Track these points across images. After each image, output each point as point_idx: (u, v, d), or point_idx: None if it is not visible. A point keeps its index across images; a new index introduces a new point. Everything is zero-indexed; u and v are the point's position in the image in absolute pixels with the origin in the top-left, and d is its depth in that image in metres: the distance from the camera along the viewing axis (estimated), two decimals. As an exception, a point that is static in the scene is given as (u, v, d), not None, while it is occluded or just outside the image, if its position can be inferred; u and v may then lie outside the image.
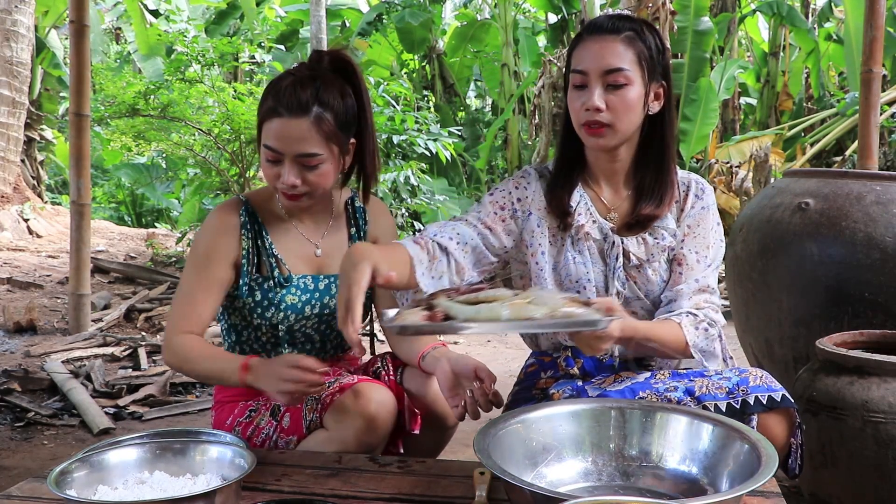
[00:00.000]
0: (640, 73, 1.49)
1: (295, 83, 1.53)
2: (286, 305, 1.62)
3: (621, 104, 1.48)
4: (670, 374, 1.50)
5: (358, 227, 1.75)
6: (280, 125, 1.51)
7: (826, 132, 8.57)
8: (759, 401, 1.39)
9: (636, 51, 1.49)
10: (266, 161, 1.56)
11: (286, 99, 1.51)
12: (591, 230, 1.56)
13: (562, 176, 1.60)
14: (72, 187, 4.36)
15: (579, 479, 1.24)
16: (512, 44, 9.62)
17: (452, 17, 12.85)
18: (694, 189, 1.60)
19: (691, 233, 1.57)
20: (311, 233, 1.70)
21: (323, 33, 7.52)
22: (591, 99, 1.47)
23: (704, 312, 1.50)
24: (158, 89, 5.89)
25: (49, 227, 7.71)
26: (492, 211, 1.58)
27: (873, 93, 3.19)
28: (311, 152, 1.52)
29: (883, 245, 2.29)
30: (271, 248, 1.64)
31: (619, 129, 1.50)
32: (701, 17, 8.06)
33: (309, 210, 1.69)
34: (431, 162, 8.36)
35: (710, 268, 1.55)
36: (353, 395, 1.49)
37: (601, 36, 1.49)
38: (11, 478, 2.34)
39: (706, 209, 1.59)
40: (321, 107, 1.52)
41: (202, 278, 1.59)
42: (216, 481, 1.24)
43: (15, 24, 7.48)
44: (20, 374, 3.39)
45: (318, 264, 1.69)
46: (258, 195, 1.71)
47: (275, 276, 1.62)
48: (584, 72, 1.49)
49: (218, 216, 1.64)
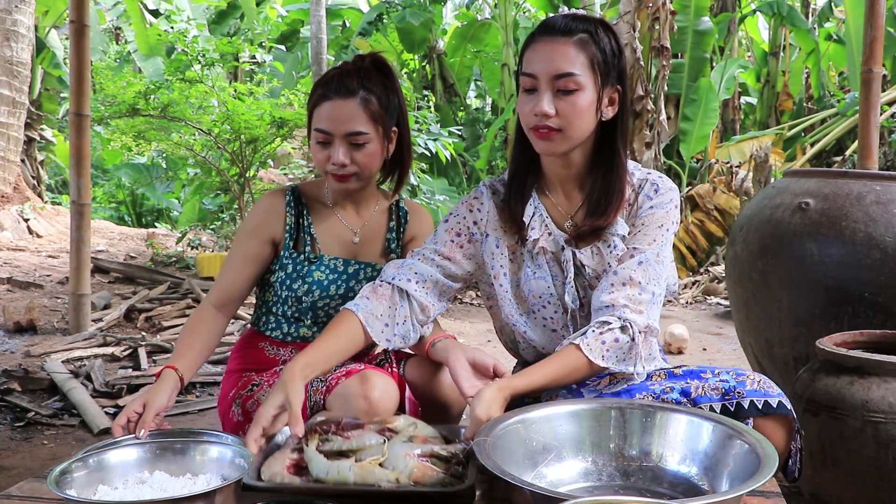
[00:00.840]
0: (592, 78, 1.43)
1: (342, 74, 1.67)
2: (313, 280, 1.72)
3: (571, 110, 1.42)
4: (666, 375, 1.48)
5: (399, 223, 1.84)
6: (330, 107, 1.65)
7: (826, 132, 8.58)
8: (755, 405, 1.37)
9: (588, 55, 1.43)
10: (317, 144, 1.68)
11: (335, 85, 1.66)
12: (545, 244, 1.54)
13: (515, 184, 1.57)
14: (72, 187, 4.36)
15: (579, 479, 1.24)
16: (512, 44, 9.63)
17: (452, 17, 12.87)
18: (647, 189, 1.53)
19: (634, 231, 1.52)
20: (351, 221, 1.81)
21: (323, 33, 7.53)
22: (539, 104, 1.43)
23: (619, 314, 1.41)
24: (158, 89, 5.90)
25: (49, 227, 7.72)
26: (448, 240, 1.58)
27: (873, 93, 3.19)
28: (358, 130, 1.65)
29: (883, 245, 2.29)
30: (309, 228, 1.76)
31: (569, 135, 1.45)
32: (701, 17, 8.07)
33: (353, 199, 1.80)
34: (431, 162, 8.37)
35: (640, 264, 1.46)
36: (358, 379, 1.52)
37: (552, 38, 1.43)
38: (11, 478, 2.35)
39: (655, 208, 1.51)
40: (366, 91, 1.66)
41: (242, 251, 1.74)
42: (216, 481, 1.24)
43: (15, 24, 7.49)
44: (20, 374, 3.39)
45: (353, 250, 1.79)
46: (307, 185, 1.85)
47: (306, 252, 1.74)
48: (533, 75, 1.44)
49: (266, 198, 1.80)
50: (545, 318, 1.58)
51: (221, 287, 1.73)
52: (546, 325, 1.58)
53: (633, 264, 1.46)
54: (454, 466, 1.20)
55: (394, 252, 1.82)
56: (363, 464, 1.17)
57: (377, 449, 1.21)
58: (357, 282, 1.75)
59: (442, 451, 1.22)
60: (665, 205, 1.52)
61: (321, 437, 1.24)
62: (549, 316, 1.57)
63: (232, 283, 1.73)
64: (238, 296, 1.73)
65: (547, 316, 1.57)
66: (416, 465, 1.17)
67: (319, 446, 1.23)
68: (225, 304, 1.71)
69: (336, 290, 1.73)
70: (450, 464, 1.20)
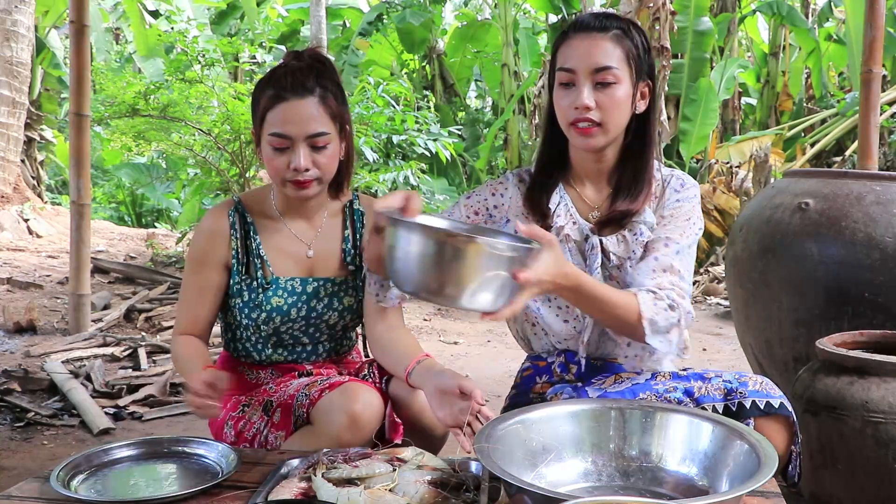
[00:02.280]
0: (628, 72, 1.47)
1: (292, 70, 1.55)
2: (271, 307, 1.63)
3: (610, 103, 1.46)
4: (671, 376, 1.50)
5: (354, 229, 1.74)
6: (287, 108, 1.53)
7: (826, 132, 8.58)
8: (757, 405, 1.38)
9: (624, 49, 1.47)
10: (273, 150, 1.56)
11: (289, 83, 1.54)
12: (570, 231, 1.54)
13: (543, 176, 1.58)
14: (72, 187, 4.36)
15: (579, 480, 1.24)
16: (512, 44, 9.62)
17: (452, 17, 12.86)
18: (673, 184, 1.57)
19: (663, 222, 1.54)
20: (302, 233, 1.70)
21: (323, 33, 7.53)
22: (580, 97, 1.45)
23: (667, 293, 1.42)
24: (158, 89, 5.89)
25: (49, 227, 7.71)
26: (465, 214, 1.58)
27: (873, 93, 3.19)
28: (321, 131, 1.54)
29: (883, 245, 2.28)
30: (258, 250, 1.65)
31: (608, 129, 1.48)
32: (701, 17, 8.07)
33: (302, 208, 1.68)
34: (431, 162, 8.36)
35: (678, 254, 1.48)
36: (340, 392, 1.50)
37: (589, 34, 1.47)
38: (11, 478, 2.34)
39: (682, 202, 1.55)
40: (322, 88, 1.56)
41: (195, 281, 1.65)
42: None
43: (15, 24, 7.48)
44: (20, 374, 3.38)
45: (309, 266, 1.69)
46: (251, 196, 1.72)
47: (258, 278, 1.63)
48: (572, 70, 1.46)
49: (208, 220, 1.67)
50: (559, 306, 1.58)
51: (185, 320, 1.64)
52: (559, 315, 1.59)
53: (671, 253, 1.48)
54: (464, 493, 1.18)
55: (353, 264, 1.71)
56: (373, 490, 1.16)
57: (387, 476, 1.20)
58: (318, 300, 1.66)
59: (452, 478, 1.20)
60: (691, 199, 1.56)
61: (329, 467, 1.23)
62: (564, 305, 1.58)
63: (195, 315, 1.64)
64: (205, 325, 1.65)
65: (562, 305, 1.58)
66: (426, 492, 1.15)
67: (326, 475, 1.21)
68: (193, 334, 1.64)
69: (297, 312, 1.65)
70: (460, 491, 1.19)
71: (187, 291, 1.66)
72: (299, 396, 1.56)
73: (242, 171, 6.09)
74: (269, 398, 1.63)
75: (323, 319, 1.69)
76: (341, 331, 1.75)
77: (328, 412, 1.49)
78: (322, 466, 1.23)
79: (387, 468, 1.22)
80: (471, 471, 1.24)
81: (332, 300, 1.69)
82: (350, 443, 1.47)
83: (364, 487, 1.17)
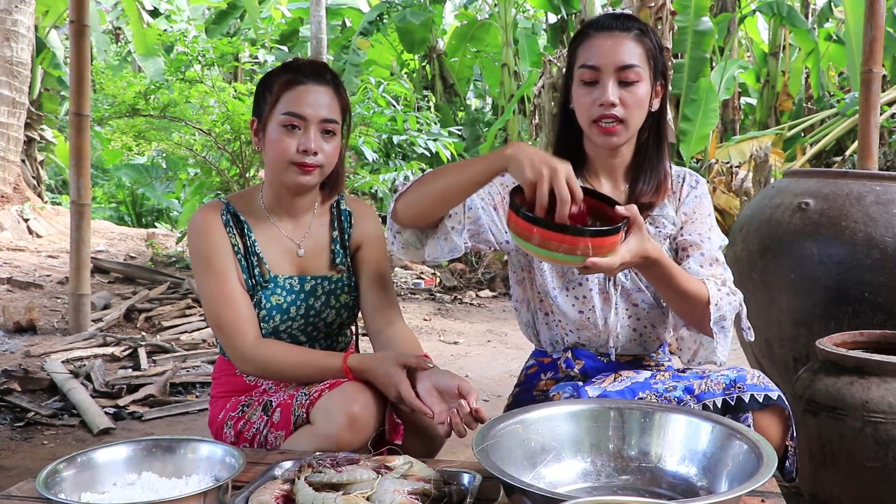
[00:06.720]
0: (648, 71, 1.51)
1: (309, 62, 1.62)
2: (271, 306, 1.63)
3: (633, 100, 1.49)
4: (671, 375, 1.50)
5: (342, 229, 1.75)
6: (306, 91, 1.57)
7: (826, 132, 8.57)
8: (755, 399, 1.40)
9: (645, 48, 1.50)
10: (284, 130, 1.57)
11: (306, 69, 1.59)
12: None
13: None
14: (72, 187, 4.36)
15: (578, 480, 1.24)
16: (512, 44, 9.62)
17: (452, 17, 12.86)
18: (689, 180, 1.64)
19: (689, 219, 1.59)
20: (292, 232, 1.70)
21: (323, 33, 7.53)
22: (605, 94, 1.47)
23: (724, 280, 1.50)
24: (158, 89, 5.90)
25: (49, 227, 7.71)
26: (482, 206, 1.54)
27: (873, 93, 3.19)
28: (333, 118, 1.59)
29: (883, 245, 2.28)
30: (254, 247, 1.65)
31: (630, 126, 1.51)
32: (701, 17, 8.05)
33: (290, 209, 1.69)
34: (431, 162, 8.36)
35: (720, 248, 1.57)
36: (339, 393, 1.50)
37: (611, 33, 1.50)
38: (11, 478, 2.34)
39: (700, 198, 1.61)
40: (336, 83, 1.62)
41: (221, 280, 1.60)
42: (207, 482, 1.22)
43: (15, 24, 7.49)
44: (20, 374, 3.38)
45: (301, 264, 1.70)
46: (238, 197, 1.73)
47: (256, 276, 1.63)
48: (596, 67, 1.49)
49: (201, 217, 1.64)
50: (576, 297, 1.59)
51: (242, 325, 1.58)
52: (575, 305, 1.59)
53: (714, 247, 1.56)
54: None
55: (342, 265, 1.72)
56: (349, 497, 1.14)
57: (368, 484, 1.18)
58: (316, 298, 1.67)
59: (434, 490, 1.18)
60: (707, 195, 1.63)
61: (315, 470, 1.22)
62: (581, 295, 1.59)
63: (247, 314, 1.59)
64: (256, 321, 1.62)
65: (580, 295, 1.59)
66: (402, 502, 1.13)
67: (310, 478, 1.20)
68: (258, 335, 1.61)
69: (297, 310, 1.65)
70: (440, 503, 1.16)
71: (220, 294, 1.59)
72: (299, 396, 1.56)
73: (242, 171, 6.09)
74: (269, 398, 1.64)
75: (321, 317, 1.70)
76: (337, 329, 1.76)
77: (327, 412, 1.49)
78: (308, 470, 1.23)
79: (370, 475, 1.20)
80: (462, 484, 1.22)
81: (329, 298, 1.70)
82: (349, 443, 1.47)
83: (343, 493, 1.16)
